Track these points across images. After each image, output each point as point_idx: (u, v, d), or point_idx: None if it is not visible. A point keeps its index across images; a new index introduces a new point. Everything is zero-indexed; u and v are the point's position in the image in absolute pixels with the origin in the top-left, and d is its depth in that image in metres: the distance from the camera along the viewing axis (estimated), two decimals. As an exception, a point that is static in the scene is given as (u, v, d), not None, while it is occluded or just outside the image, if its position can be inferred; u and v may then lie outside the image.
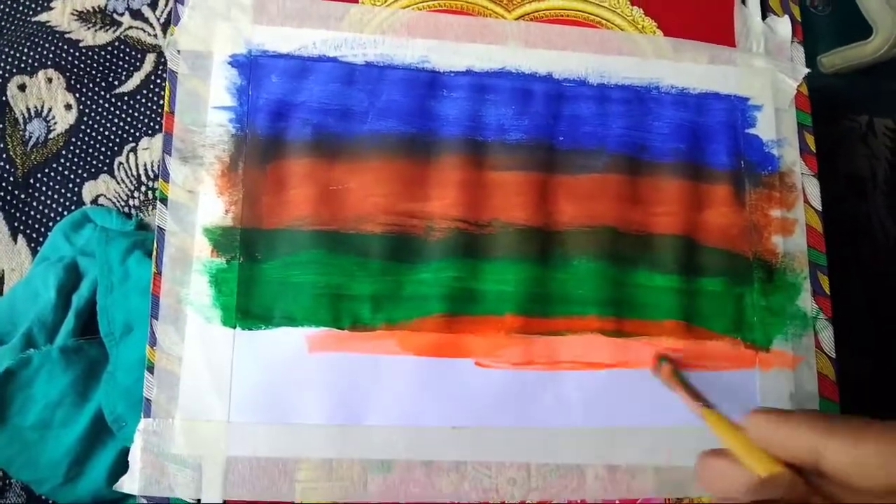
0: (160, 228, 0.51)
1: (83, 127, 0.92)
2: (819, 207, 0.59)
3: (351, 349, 0.51)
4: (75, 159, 0.91)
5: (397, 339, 0.52)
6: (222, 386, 0.49)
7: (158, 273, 0.50)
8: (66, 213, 0.88)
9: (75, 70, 0.94)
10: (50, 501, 0.74)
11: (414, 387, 0.51)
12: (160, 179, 0.52)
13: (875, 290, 0.93)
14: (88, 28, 0.96)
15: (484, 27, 0.58)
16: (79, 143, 0.91)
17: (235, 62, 0.54)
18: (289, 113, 0.54)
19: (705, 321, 0.56)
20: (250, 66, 0.54)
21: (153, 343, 0.49)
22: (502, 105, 0.56)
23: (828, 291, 0.58)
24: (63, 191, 0.89)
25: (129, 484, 0.48)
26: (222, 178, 0.52)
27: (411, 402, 0.51)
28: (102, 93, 0.94)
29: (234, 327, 0.50)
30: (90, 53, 0.95)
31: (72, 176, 0.90)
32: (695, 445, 0.53)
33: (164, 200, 0.51)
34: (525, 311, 0.53)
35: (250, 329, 0.50)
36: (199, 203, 0.52)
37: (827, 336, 0.57)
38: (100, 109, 0.93)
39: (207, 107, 0.53)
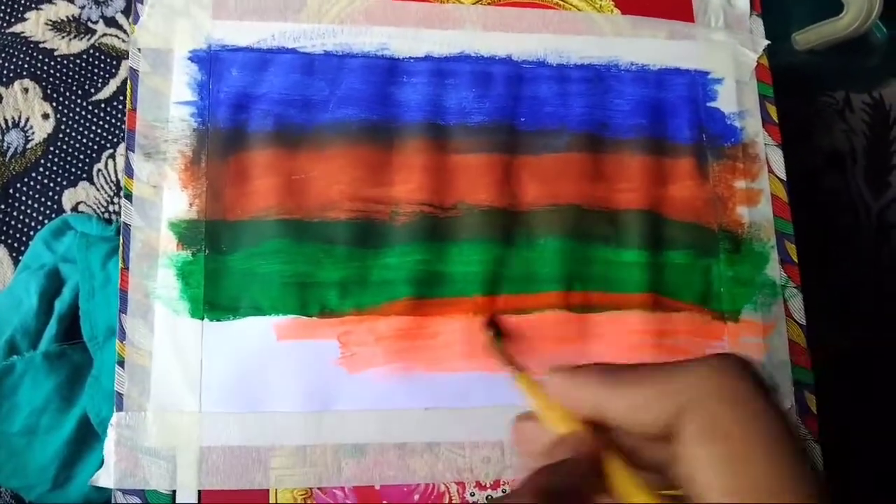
0: (126, 224, 0.51)
1: (61, 135, 0.93)
2: (784, 177, 0.60)
3: (320, 336, 0.51)
4: (54, 168, 0.91)
5: (365, 324, 0.52)
6: (193, 377, 0.50)
7: (126, 268, 0.51)
8: (46, 221, 0.88)
9: (51, 79, 0.94)
10: (40, 508, 0.75)
11: (384, 370, 0.51)
12: (124, 176, 0.52)
13: (856, 264, 0.94)
14: (63, 37, 0.96)
15: (442, 13, 0.58)
16: (57, 151, 0.92)
17: (196, 57, 0.55)
18: (250, 105, 0.54)
19: (673, 293, 0.56)
20: (210, 61, 0.55)
21: (122, 338, 0.50)
22: (463, 89, 0.57)
23: (795, 259, 0.58)
24: (43, 199, 0.90)
25: (104, 478, 0.48)
26: (185, 172, 0.53)
27: (382, 385, 0.51)
28: (79, 101, 0.94)
29: (203, 319, 0.51)
30: (65, 62, 0.95)
31: (51, 184, 0.90)
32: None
33: (128, 197, 0.52)
34: (492, 292, 0.54)
35: (218, 320, 0.51)
36: (164, 198, 0.52)
37: (797, 303, 0.58)
38: (77, 117, 0.94)
39: (169, 102, 0.54)
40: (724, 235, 0.58)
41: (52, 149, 0.92)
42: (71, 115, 0.94)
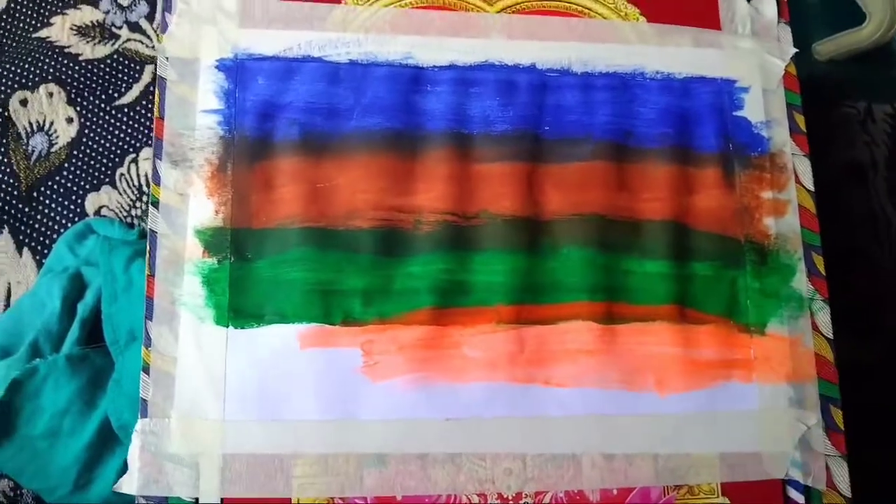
0: (152, 231, 0.52)
1: (84, 139, 0.93)
2: (811, 188, 0.59)
3: (342, 344, 0.51)
4: (78, 171, 0.92)
5: (388, 333, 0.52)
6: (217, 384, 0.50)
7: (152, 275, 0.51)
8: (69, 225, 0.89)
9: (76, 84, 0.95)
10: (62, 510, 0.75)
11: (406, 379, 0.51)
12: (152, 184, 0.52)
13: (876, 278, 0.92)
14: (88, 42, 0.97)
15: (466, 21, 0.58)
16: (81, 155, 0.93)
17: (222, 66, 0.55)
18: (275, 113, 0.54)
19: (698, 305, 0.56)
20: (237, 70, 0.55)
21: (148, 344, 0.50)
22: (487, 97, 0.57)
23: (823, 272, 0.58)
24: (66, 203, 0.90)
25: (127, 484, 0.48)
26: (212, 180, 0.53)
27: (404, 395, 0.51)
28: (103, 105, 0.95)
29: (227, 326, 0.51)
30: (90, 67, 0.96)
31: (74, 188, 0.91)
32: (693, 433, 0.53)
33: (155, 204, 0.52)
34: (515, 301, 0.53)
35: (243, 327, 0.51)
36: (190, 205, 0.52)
37: (824, 317, 0.57)
38: (100, 122, 0.94)
39: (196, 111, 0.54)
40: (751, 247, 0.57)
41: (75, 153, 0.93)
42: (95, 119, 0.95)
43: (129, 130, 0.95)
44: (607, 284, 0.55)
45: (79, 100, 0.95)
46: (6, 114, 0.93)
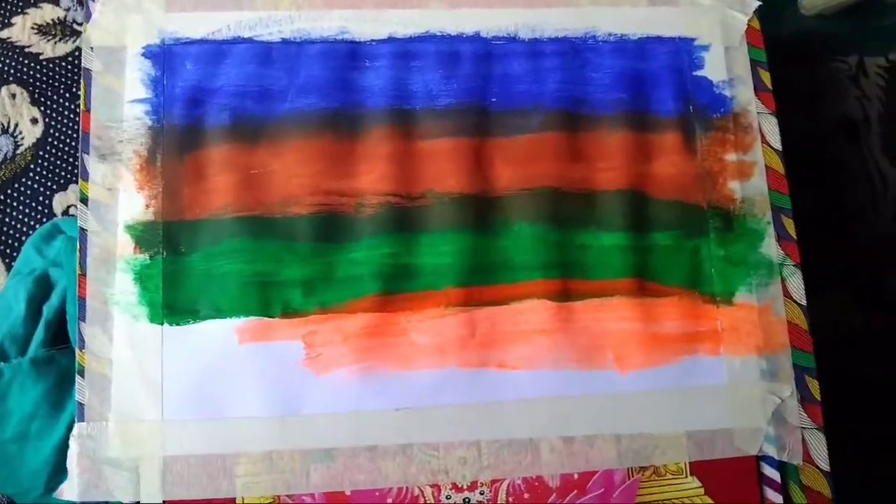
0: (82, 229, 0.50)
1: (50, 139, 0.92)
2: (779, 147, 0.56)
3: (283, 337, 0.49)
4: (44, 172, 0.91)
5: (331, 323, 0.50)
6: (154, 385, 0.48)
7: (83, 274, 0.49)
8: (37, 225, 0.88)
9: (38, 84, 0.94)
10: (38, 513, 0.75)
11: (352, 370, 0.49)
12: (80, 179, 0.50)
13: (874, 238, 0.88)
14: (49, 41, 0.95)
15: (404, -9, 0.55)
16: (46, 155, 0.91)
17: (149, 53, 0.53)
18: (206, 99, 0.52)
19: (659, 277, 0.53)
20: (164, 56, 0.53)
21: (82, 346, 0.48)
22: (428, 70, 0.54)
23: (794, 235, 0.54)
24: (34, 204, 0.89)
25: (68, 491, 0.47)
26: (141, 173, 0.51)
27: (350, 386, 0.49)
28: (67, 104, 0.93)
29: (162, 324, 0.49)
30: (51, 66, 0.94)
31: (41, 189, 0.90)
32: (657, 411, 0.51)
33: (84, 200, 0.50)
34: (465, 283, 0.51)
35: (178, 324, 0.49)
36: (119, 200, 0.50)
37: (796, 282, 0.54)
38: (65, 121, 0.93)
39: (123, 101, 0.52)
40: (714, 213, 0.54)
41: (41, 153, 0.91)
42: (59, 118, 0.93)
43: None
44: (562, 260, 0.52)
45: (42, 99, 0.93)
46: (-30, 118, 0.92)
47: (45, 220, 0.88)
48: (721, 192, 0.54)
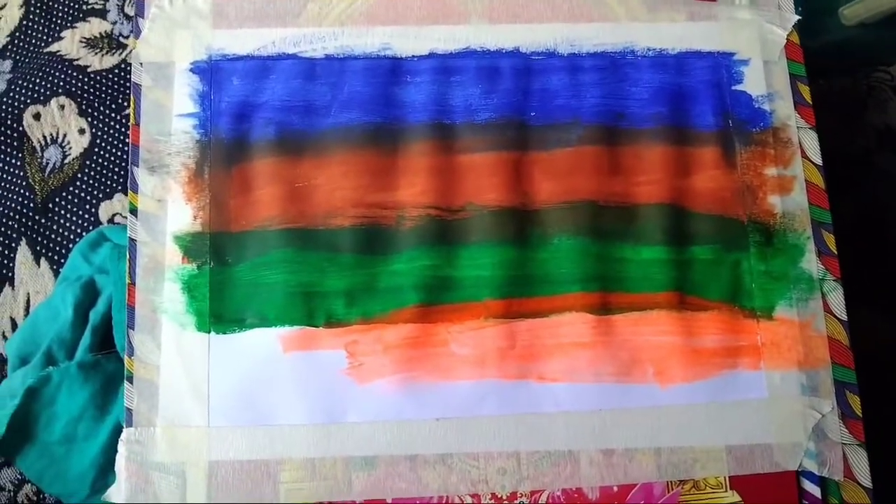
0: (132, 240, 0.51)
1: (96, 149, 0.95)
2: (819, 161, 0.56)
3: (326, 346, 0.50)
4: (91, 181, 0.93)
5: (373, 333, 0.51)
6: (200, 392, 0.49)
7: (133, 283, 0.51)
8: (84, 233, 0.91)
9: (86, 95, 0.97)
10: (82, 515, 0.77)
11: (393, 380, 0.50)
12: (129, 191, 0.52)
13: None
14: (96, 53, 0.98)
15: (445, 7, 0.56)
16: (93, 165, 0.94)
17: (197, 69, 0.54)
18: (251, 114, 0.53)
19: (699, 291, 0.53)
20: (211, 72, 0.54)
21: (131, 353, 0.50)
22: (469, 85, 0.55)
23: (834, 251, 0.54)
24: (80, 212, 0.92)
25: (115, 494, 0.48)
26: (189, 185, 0.52)
27: (391, 396, 0.50)
28: (113, 115, 0.96)
29: (209, 332, 0.50)
30: (99, 78, 0.97)
31: (88, 197, 0.92)
32: (697, 425, 0.51)
33: (133, 211, 0.52)
34: (505, 295, 0.52)
35: (224, 333, 0.50)
36: (168, 211, 0.52)
37: (836, 298, 0.54)
38: (111, 131, 0.95)
39: (171, 115, 0.53)
40: (755, 227, 0.54)
41: (88, 163, 0.94)
42: (105, 129, 0.96)
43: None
44: (601, 273, 0.52)
45: (90, 111, 0.96)
46: (20, 129, 0.95)
47: (91, 227, 0.91)
48: (761, 206, 0.54)
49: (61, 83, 0.96)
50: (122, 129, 0.95)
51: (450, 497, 0.50)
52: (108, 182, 0.93)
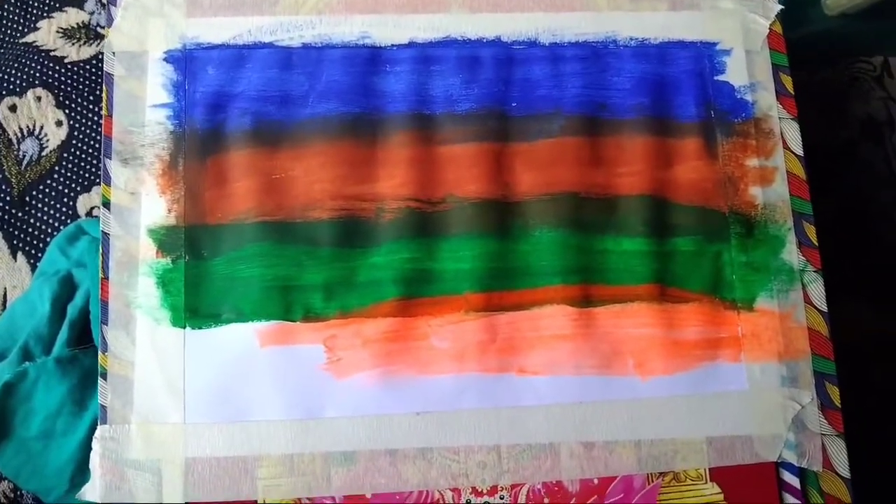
0: (104, 233, 0.50)
1: (74, 142, 0.93)
2: (801, 152, 0.55)
3: (304, 341, 0.50)
4: (68, 174, 0.92)
5: (352, 327, 0.50)
6: (176, 388, 0.48)
7: (106, 278, 0.50)
8: (62, 227, 0.89)
9: (63, 86, 0.95)
10: (60, 511, 0.76)
11: (372, 374, 0.49)
12: (102, 184, 0.51)
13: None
14: (73, 44, 0.97)
15: (425, -4, 0.55)
16: (71, 157, 0.92)
17: (171, 58, 0.53)
18: (227, 104, 0.52)
19: (680, 282, 0.53)
20: (185, 61, 0.53)
21: (105, 349, 0.49)
22: (449, 75, 0.54)
23: (815, 241, 0.54)
24: (58, 206, 0.90)
25: (90, 493, 0.48)
26: (163, 177, 0.51)
27: (370, 390, 0.49)
28: (91, 106, 0.94)
29: (184, 327, 0.49)
30: (76, 69, 0.96)
31: (66, 190, 0.91)
32: (677, 417, 0.51)
33: (106, 204, 0.51)
34: (485, 288, 0.51)
35: (200, 328, 0.49)
36: (142, 204, 0.51)
37: (816, 289, 0.53)
38: (89, 123, 0.94)
39: (145, 106, 0.52)
40: (736, 219, 0.54)
41: (65, 155, 0.92)
42: (83, 120, 0.94)
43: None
44: (582, 266, 0.52)
45: (67, 102, 0.95)
46: (-4, 121, 0.93)
47: (69, 221, 0.89)
48: (742, 197, 0.54)
49: (38, 74, 0.95)
50: (100, 121, 0.94)
51: (430, 491, 0.49)
52: (86, 175, 0.92)
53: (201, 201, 0.51)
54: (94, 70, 0.96)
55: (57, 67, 0.95)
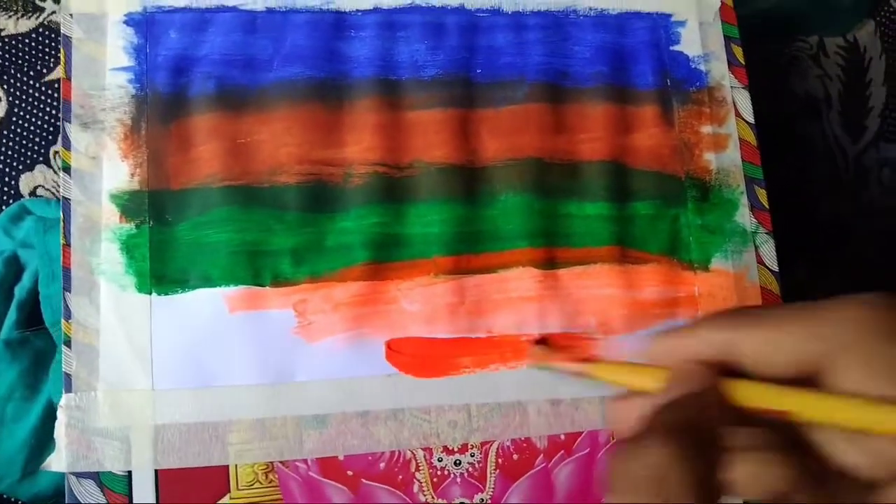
0: (65, 199, 0.49)
1: (14, 118, 0.90)
2: (752, 120, 0.58)
3: (274, 306, 0.49)
4: (9, 152, 0.89)
5: (322, 292, 0.50)
6: (143, 354, 0.48)
7: (67, 244, 0.49)
8: (4, 207, 0.86)
9: (1, 61, 0.91)
10: (11, 499, 0.73)
11: (343, 338, 0.50)
12: (61, 148, 0.50)
13: (835, 211, 0.92)
14: (10, 16, 0.93)
15: (389, -37, 0.55)
16: (11, 135, 0.89)
17: (131, 20, 0.52)
18: (190, 68, 0.52)
19: (640, 245, 0.54)
20: (147, 24, 0.52)
21: (68, 316, 0.48)
22: (414, 41, 0.54)
23: (766, 205, 0.57)
24: (-1, 185, 0.87)
25: (56, 462, 0.46)
26: (125, 142, 0.50)
27: (341, 354, 0.49)
28: (31, 82, 0.91)
29: (150, 293, 0.48)
30: (14, 42, 0.92)
31: (7, 169, 0.88)
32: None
33: (67, 169, 0.49)
34: (453, 251, 0.52)
35: (167, 294, 0.49)
36: (104, 169, 0.50)
37: (768, 250, 0.56)
38: (30, 99, 0.91)
39: (105, 69, 0.51)
40: (692, 183, 0.56)
41: (5, 132, 0.89)
42: (24, 96, 0.91)
43: (61, 106, 0.91)
44: (547, 229, 0.53)
45: (5, 77, 0.91)
46: (-71, 95, 0.89)
47: (11, 201, 0.86)
48: (698, 163, 0.56)
49: (-27, 47, 0.91)
50: (42, 98, 0.91)
51: (402, 451, 0.50)
52: (28, 153, 0.89)
53: (165, 166, 0.50)
54: (33, 44, 0.92)
55: (-6, 41, 0.91)
